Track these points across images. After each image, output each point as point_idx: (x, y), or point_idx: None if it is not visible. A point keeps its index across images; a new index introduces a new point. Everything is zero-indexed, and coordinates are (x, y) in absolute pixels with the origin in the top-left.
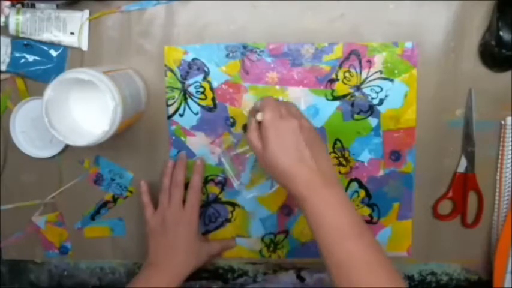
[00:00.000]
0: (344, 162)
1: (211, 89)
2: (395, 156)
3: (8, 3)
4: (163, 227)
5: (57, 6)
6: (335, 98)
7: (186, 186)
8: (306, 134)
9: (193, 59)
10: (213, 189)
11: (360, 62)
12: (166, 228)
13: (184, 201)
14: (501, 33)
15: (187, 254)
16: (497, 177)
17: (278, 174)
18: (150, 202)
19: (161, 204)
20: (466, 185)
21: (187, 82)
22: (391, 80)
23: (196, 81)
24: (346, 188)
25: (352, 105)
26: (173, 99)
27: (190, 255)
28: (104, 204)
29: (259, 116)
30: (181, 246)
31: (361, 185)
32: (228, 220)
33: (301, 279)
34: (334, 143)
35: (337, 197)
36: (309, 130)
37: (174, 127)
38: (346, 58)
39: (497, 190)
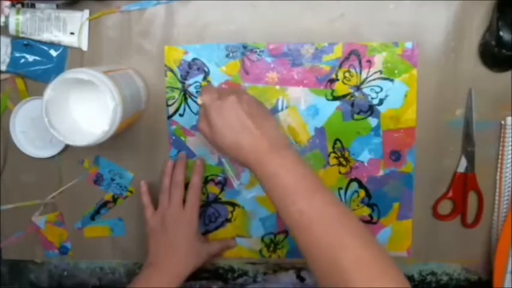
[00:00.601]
0: (344, 162)
1: None
2: (395, 156)
3: (8, 3)
4: (163, 227)
5: (57, 6)
6: (335, 98)
7: (186, 186)
8: (246, 106)
9: (193, 59)
10: (213, 189)
11: (360, 62)
12: (166, 228)
13: (184, 201)
14: (501, 33)
15: (187, 254)
16: (497, 177)
17: (226, 148)
18: (150, 202)
19: (161, 204)
20: (466, 185)
21: (187, 82)
22: (391, 80)
23: (196, 81)
24: (346, 188)
25: (352, 105)
26: (173, 99)
27: (190, 255)
28: (104, 204)
29: (199, 100)
30: (181, 246)
31: (361, 185)
32: (228, 220)
33: (301, 279)
34: (334, 143)
35: (287, 159)
36: (249, 102)
37: (174, 127)
38: (346, 58)
39: (497, 190)
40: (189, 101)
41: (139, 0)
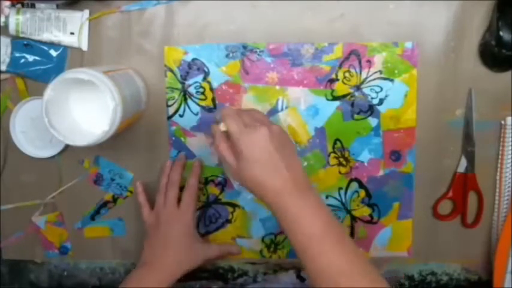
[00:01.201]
0: (344, 162)
1: (211, 89)
2: (395, 156)
3: (8, 3)
4: (157, 226)
5: (57, 6)
6: (335, 98)
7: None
8: (276, 140)
9: (193, 59)
10: (213, 190)
11: (359, 62)
12: (160, 227)
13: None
14: (501, 33)
15: (180, 254)
16: (497, 177)
17: (251, 184)
18: (146, 202)
19: (157, 204)
20: (466, 185)
21: (187, 82)
22: (391, 80)
23: (196, 82)
24: (346, 188)
25: (352, 105)
26: (173, 99)
27: (183, 256)
28: (104, 204)
29: (222, 126)
30: (174, 246)
31: (361, 185)
32: (229, 221)
33: (301, 279)
34: (334, 143)
35: (311, 203)
36: (279, 134)
37: (174, 128)
38: (346, 58)
39: (497, 190)
40: (189, 101)
41: (139, 0)
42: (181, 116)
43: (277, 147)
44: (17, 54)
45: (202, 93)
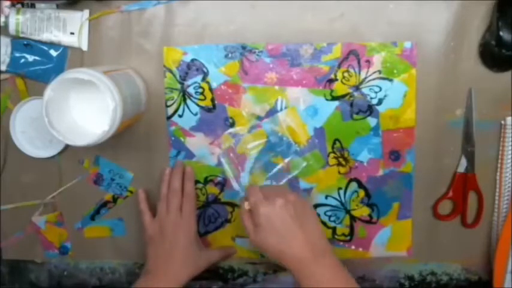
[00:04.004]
0: (343, 162)
1: (210, 89)
2: (395, 156)
3: (8, 3)
4: (161, 235)
5: (57, 6)
6: (334, 98)
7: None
8: (293, 209)
9: (192, 60)
10: (213, 189)
11: (358, 62)
12: (165, 235)
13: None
14: (501, 33)
15: (186, 261)
16: (497, 177)
17: (270, 253)
18: (147, 209)
19: (159, 212)
20: (466, 185)
21: (186, 83)
22: (390, 80)
23: (195, 82)
24: (346, 188)
25: (351, 105)
26: (172, 99)
27: (189, 264)
28: (104, 204)
29: (246, 205)
30: (180, 254)
31: (360, 185)
32: (228, 221)
33: None
34: (334, 143)
35: (330, 270)
36: (295, 204)
37: (173, 128)
38: (345, 58)
39: (497, 190)
40: (188, 101)
41: (139, 0)
42: (180, 116)
43: (293, 215)
44: (17, 54)
45: (202, 93)
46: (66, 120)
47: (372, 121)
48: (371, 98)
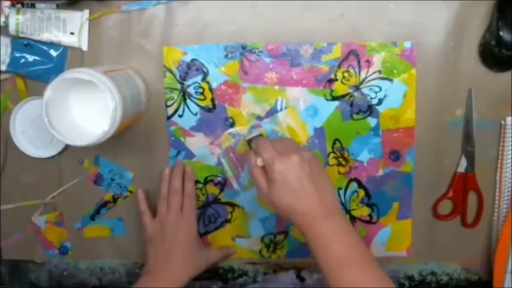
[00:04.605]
0: (343, 162)
1: (210, 89)
2: (395, 156)
3: (8, 3)
4: (162, 234)
5: (57, 6)
6: (334, 98)
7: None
8: (307, 167)
9: (192, 60)
10: (213, 189)
11: (358, 62)
12: (165, 235)
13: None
14: (501, 33)
15: (186, 261)
16: (497, 177)
17: (282, 209)
18: (147, 209)
19: (160, 212)
20: (466, 185)
21: (186, 83)
22: (390, 80)
23: (195, 82)
24: (346, 188)
25: (351, 105)
26: (172, 99)
27: (189, 263)
28: (104, 204)
29: (259, 162)
30: (180, 254)
31: (360, 185)
32: (228, 221)
33: (301, 279)
34: (334, 143)
35: (340, 227)
36: (310, 161)
37: (173, 128)
38: (345, 58)
39: (497, 190)
40: (188, 101)
41: (139, 0)
42: (180, 116)
43: (308, 173)
44: (17, 54)
45: (202, 93)
46: (66, 120)
47: (372, 121)
48: (371, 98)
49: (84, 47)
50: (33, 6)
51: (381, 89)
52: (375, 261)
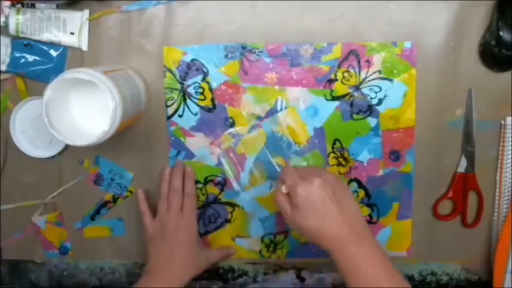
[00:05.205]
0: (343, 162)
1: (210, 89)
2: (395, 156)
3: (8, 3)
4: (162, 234)
5: (57, 6)
6: (334, 98)
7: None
8: (330, 189)
9: (192, 60)
10: (213, 189)
11: (358, 62)
12: (166, 235)
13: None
14: (501, 33)
15: (186, 262)
16: (497, 177)
17: (307, 232)
18: (148, 209)
19: (160, 212)
20: (466, 185)
21: (186, 83)
22: (390, 80)
23: (195, 82)
24: None
25: (351, 105)
26: (172, 99)
27: (189, 264)
28: (104, 204)
29: (283, 189)
30: (181, 254)
31: (360, 185)
32: (228, 220)
33: (301, 279)
34: (334, 143)
35: (368, 250)
36: (333, 183)
37: (173, 128)
38: (345, 58)
39: (497, 190)
40: (188, 101)
41: (139, 0)
42: (180, 116)
43: (331, 195)
44: (17, 54)
45: (202, 93)
46: (66, 120)
47: (372, 121)
48: (371, 98)
49: (84, 47)
50: (33, 6)
51: (380, 89)
52: (406, 281)
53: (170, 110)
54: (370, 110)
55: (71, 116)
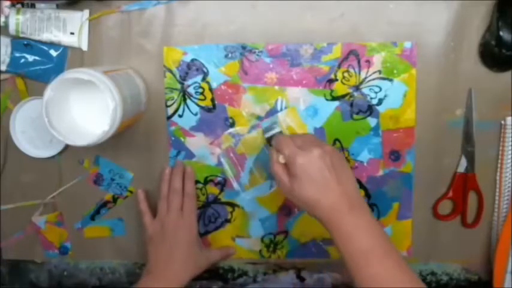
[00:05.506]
0: None
1: (210, 89)
2: (395, 156)
3: (8, 3)
4: (162, 234)
5: (57, 6)
6: (334, 98)
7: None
8: (329, 159)
9: (192, 60)
10: (213, 189)
11: (358, 62)
12: (166, 235)
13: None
14: (501, 33)
15: (186, 262)
16: (497, 177)
17: (305, 203)
18: (148, 210)
19: (160, 212)
20: (466, 185)
21: (186, 83)
22: (390, 80)
23: (195, 82)
24: None
25: (352, 105)
26: (172, 99)
27: (189, 264)
28: (104, 204)
29: (281, 159)
30: (181, 254)
31: (360, 185)
32: (228, 220)
33: (301, 279)
34: (334, 143)
35: (363, 220)
36: (331, 154)
37: (173, 128)
38: (345, 58)
39: (497, 190)
40: (188, 101)
41: (139, 0)
42: (180, 116)
43: (330, 166)
44: (17, 54)
45: (202, 93)
46: (66, 120)
47: (372, 121)
48: (371, 98)
49: (84, 47)
50: (33, 6)
51: (381, 89)
52: (399, 254)
53: (170, 110)
54: (370, 110)
55: (71, 116)
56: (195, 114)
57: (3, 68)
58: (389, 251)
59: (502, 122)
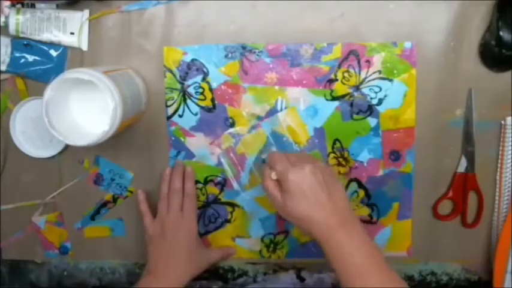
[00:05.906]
0: (343, 163)
1: (211, 89)
2: (395, 156)
3: (8, 3)
4: (162, 235)
5: (57, 6)
6: (334, 98)
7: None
8: (320, 175)
9: (192, 60)
10: (213, 189)
11: (359, 62)
12: (166, 235)
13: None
14: (501, 33)
15: (187, 262)
16: (497, 177)
17: (297, 218)
18: (148, 210)
19: (160, 212)
20: (466, 185)
21: (187, 83)
22: (390, 80)
23: (195, 82)
24: (346, 188)
25: (352, 105)
26: (172, 99)
27: (190, 264)
28: (104, 204)
29: (273, 175)
30: (181, 254)
31: (360, 185)
32: (228, 221)
33: (301, 279)
34: (334, 143)
35: (356, 236)
36: (323, 170)
37: (173, 128)
38: (345, 58)
39: (497, 190)
40: (188, 101)
41: (139, 0)
42: (180, 116)
43: (321, 182)
44: (17, 54)
45: (202, 93)
46: (66, 120)
47: (372, 121)
48: (371, 98)
49: (84, 47)
50: (33, 6)
51: (381, 89)
52: (392, 270)
53: (170, 110)
54: (370, 110)
55: (71, 116)
56: (195, 114)
57: (3, 68)
58: (382, 268)
59: (502, 122)
